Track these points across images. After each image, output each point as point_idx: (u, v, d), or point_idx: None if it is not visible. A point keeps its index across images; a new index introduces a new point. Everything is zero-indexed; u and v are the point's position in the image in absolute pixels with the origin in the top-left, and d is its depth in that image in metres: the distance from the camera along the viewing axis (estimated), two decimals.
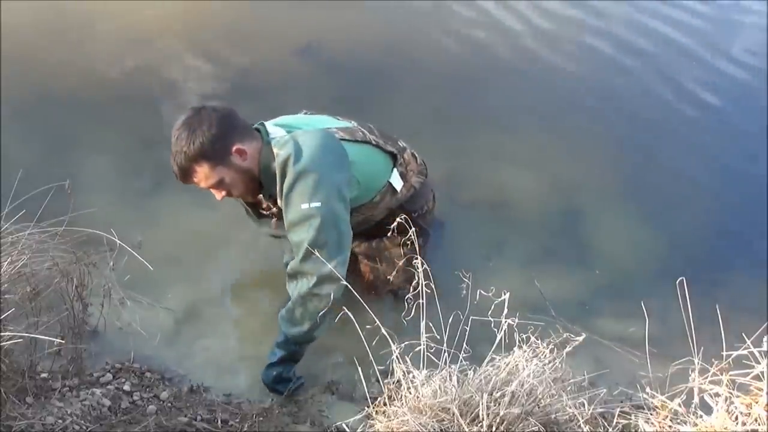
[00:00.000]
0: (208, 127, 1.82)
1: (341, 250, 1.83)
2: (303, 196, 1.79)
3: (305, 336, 1.89)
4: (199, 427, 1.82)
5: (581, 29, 3.99)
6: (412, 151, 2.19)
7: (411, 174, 2.14)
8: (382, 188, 2.04)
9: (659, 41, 3.95)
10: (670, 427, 1.52)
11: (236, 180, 1.89)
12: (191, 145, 1.81)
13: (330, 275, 1.79)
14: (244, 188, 1.93)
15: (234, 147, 1.85)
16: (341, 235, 1.82)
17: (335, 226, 1.81)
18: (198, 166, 1.85)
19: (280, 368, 1.95)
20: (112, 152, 2.82)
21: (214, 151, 1.82)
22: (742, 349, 1.44)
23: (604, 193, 2.90)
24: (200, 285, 2.34)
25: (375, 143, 2.02)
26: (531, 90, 3.46)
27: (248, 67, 3.34)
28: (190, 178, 1.89)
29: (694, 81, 3.67)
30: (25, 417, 1.65)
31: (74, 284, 1.86)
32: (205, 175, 1.87)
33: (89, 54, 3.32)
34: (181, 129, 1.84)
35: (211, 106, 1.88)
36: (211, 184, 1.89)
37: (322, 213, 1.79)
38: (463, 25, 3.87)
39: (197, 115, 1.85)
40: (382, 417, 1.57)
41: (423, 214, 2.21)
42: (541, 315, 1.77)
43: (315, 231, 1.79)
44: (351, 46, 3.58)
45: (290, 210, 1.82)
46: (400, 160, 2.09)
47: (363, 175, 1.95)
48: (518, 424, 1.48)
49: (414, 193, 2.15)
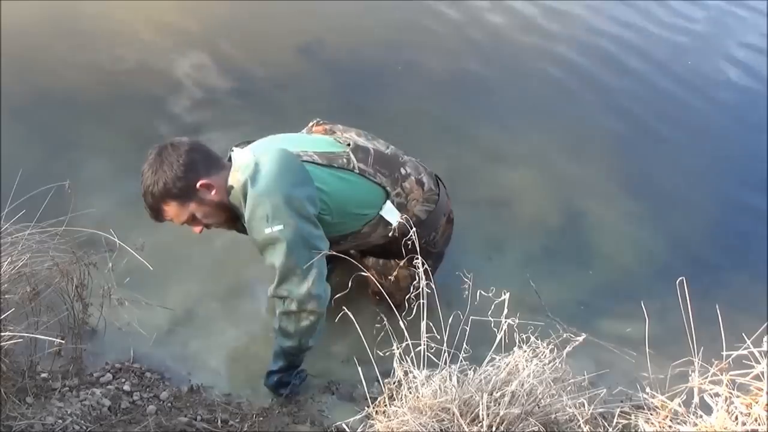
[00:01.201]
0: (169, 166, 1.81)
1: (314, 265, 1.80)
2: (263, 220, 1.77)
3: (299, 348, 1.90)
4: (199, 427, 1.82)
5: (583, 29, 3.99)
6: (420, 177, 2.07)
7: (414, 203, 2.04)
8: (370, 220, 1.98)
9: (659, 41, 3.95)
10: (670, 427, 1.52)
11: (208, 213, 1.89)
12: (156, 186, 1.82)
13: (307, 294, 1.80)
14: (219, 220, 1.93)
15: (199, 182, 1.83)
16: (312, 252, 1.80)
17: (303, 245, 1.79)
18: (166, 205, 1.85)
19: (282, 374, 1.97)
20: (112, 152, 2.82)
21: (179, 189, 1.82)
22: (742, 349, 1.44)
23: (604, 193, 2.91)
24: (200, 285, 2.34)
25: (359, 171, 1.94)
26: (531, 90, 3.46)
27: (248, 67, 3.34)
28: (161, 216, 1.89)
29: (695, 80, 3.67)
30: (25, 417, 1.65)
31: (74, 284, 1.87)
32: (175, 213, 1.87)
33: (89, 54, 3.32)
34: (146, 170, 1.84)
35: (175, 143, 1.86)
36: (183, 220, 1.90)
37: (286, 235, 1.77)
38: (463, 25, 3.87)
39: (160, 155, 1.84)
40: (382, 417, 1.57)
41: (431, 240, 2.12)
42: (541, 315, 1.76)
43: (283, 255, 1.78)
44: (351, 46, 3.58)
45: (255, 235, 1.81)
46: (395, 191, 1.99)
47: (333, 202, 1.88)
48: (518, 424, 1.48)
49: (418, 222, 2.00)
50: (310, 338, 1.88)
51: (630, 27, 4.05)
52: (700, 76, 3.72)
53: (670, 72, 3.72)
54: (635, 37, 3.96)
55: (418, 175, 2.07)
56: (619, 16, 4.15)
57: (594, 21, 4.08)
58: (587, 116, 3.32)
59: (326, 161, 1.91)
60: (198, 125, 3.03)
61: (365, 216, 1.97)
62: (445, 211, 2.17)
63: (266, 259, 1.82)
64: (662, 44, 3.93)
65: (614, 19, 4.10)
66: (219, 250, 2.47)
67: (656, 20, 4.14)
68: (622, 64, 3.73)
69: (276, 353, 1.95)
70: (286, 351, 1.92)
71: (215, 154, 1.92)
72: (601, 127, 3.26)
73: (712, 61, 3.85)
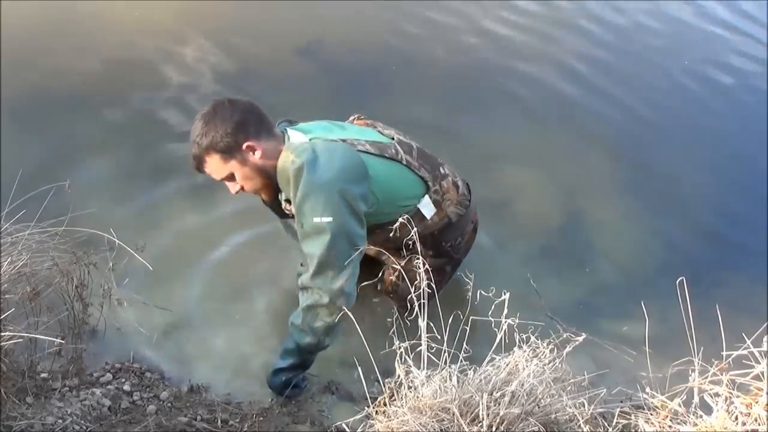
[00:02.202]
0: (221, 120, 1.83)
1: (352, 264, 1.82)
2: (315, 209, 1.78)
3: (316, 346, 1.90)
4: (199, 427, 1.82)
5: (580, 30, 3.99)
6: (456, 180, 2.11)
7: (448, 203, 2.07)
8: (408, 212, 1.98)
9: (659, 41, 3.95)
10: (670, 427, 1.52)
11: (247, 175, 1.89)
12: (203, 137, 1.83)
13: (340, 290, 1.80)
14: (257, 186, 1.93)
15: (246, 143, 1.84)
16: (352, 250, 1.81)
17: (346, 242, 1.80)
18: (209, 157, 1.86)
19: (290, 375, 1.96)
20: (111, 152, 2.82)
21: (225, 145, 1.83)
22: (742, 349, 1.44)
23: (604, 193, 2.91)
24: (200, 285, 2.34)
25: (406, 163, 1.98)
26: (531, 90, 3.46)
27: (248, 67, 3.34)
28: (202, 167, 1.90)
29: (696, 80, 3.67)
30: (25, 417, 1.65)
31: (74, 284, 1.87)
32: (216, 167, 1.88)
33: (89, 54, 3.32)
34: (199, 120, 1.86)
35: (232, 100, 1.88)
36: (221, 176, 1.90)
37: (333, 228, 1.78)
38: (463, 26, 3.87)
39: (215, 108, 1.86)
40: (382, 417, 1.57)
41: (456, 245, 2.16)
42: (542, 315, 1.76)
43: (325, 247, 1.78)
44: (351, 46, 3.58)
45: (302, 221, 1.81)
46: (434, 187, 2.03)
47: (382, 192, 1.91)
48: (518, 424, 1.48)
49: (448, 223, 2.08)
50: (330, 337, 1.88)
51: (629, 26, 4.05)
52: (701, 76, 3.72)
53: (670, 72, 3.72)
54: (636, 37, 3.96)
55: (454, 177, 2.12)
56: (614, 16, 4.15)
57: (592, 21, 4.07)
58: (587, 116, 3.32)
59: (377, 151, 1.93)
60: None
61: (405, 207, 1.99)
62: (472, 219, 2.20)
63: (306, 246, 1.83)
64: (663, 44, 3.93)
65: (611, 19, 4.11)
66: (220, 250, 2.47)
67: (655, 20, 4.14)
68: (622, 63, 3.73)
69: (289, 350, 1.93)
70: (302, 348, 1.90)
71: (269, 121, 1.92)
72: (601, 127, 3.26)
73: (713, 61, 3.85)
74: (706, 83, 3.68)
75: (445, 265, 2.19)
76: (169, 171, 2.77)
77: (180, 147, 2.91)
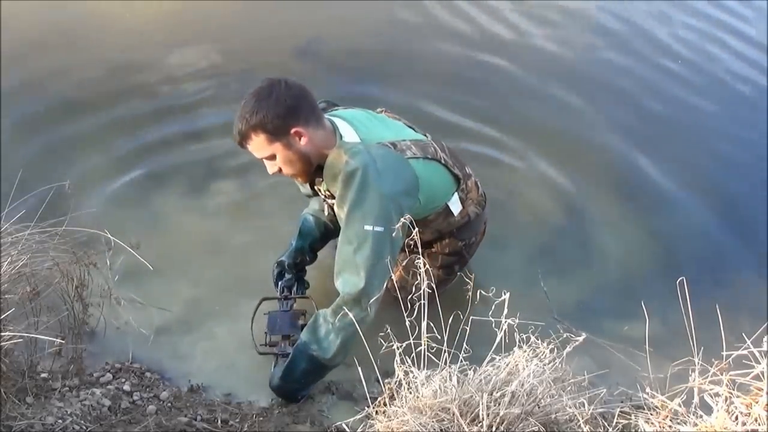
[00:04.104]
0: (275, 101, 1.80)
1: (385, 276, 1.82)
2: (366, 217, 1.77)
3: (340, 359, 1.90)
4: (199, 427, 1.82)
5: (582, 28, 3.99)
6: (476, 180, 2.16)
7: (470, 202, 2.10)
8: (438, 208, 2.02)
9: (659, 40, 3.95)
10: (670, 427, 1.52)
11: (289, 159, 1.87)
12: (253, 115, 1.80)
13: (368, 296, 1.80)
14: (297, 171, 1.91)
15: (294, 128, 1.82)
16: (391, 262, 1.81)
17: (389, 252, 1.81)
18: (255, 135, 1.83)
19: (305, 391, 1.99)
20: (111, 153, 2.82)
21: (274, 126, 1.81)
22: (742, 349, 1.44)
23: (604, 192, 2.90)
24: (200, 285, 2.34)
25: (443, 162, 1.98)
26: (530, 90, 3.45)
27: (248, 67, 3.34)
28: (245, 144, 1.87)
29: (696, 80, 3.67)
30: (25, 417, 1.65)
31: (74, 284, 1.87)
32: (259, 146, 1.85)
33: (89, 55, 3.33)
34: (251, 96, 1.83)
35: (289, 82, 1.85)
36: (263, 156, 1.88)
37: (380, 238, 1.78)
38: (463, 25, 3.87)
39: (271, 87, 1.83)
40: (382, 417, 1.57)
41: (469, 244, 2.17)
42: (542, 315, 1.76)
43: (370, 252, 1.78)
44: (351, 44, 3.58)
45: (351, 225, 1.80)
46: (462, 186, 2.05)
47: (425, 195, 1.91)
48: (518, 424, 1.48)
49: (467, 222, 2.11)
50: (347, 352, 1.88)
51: (629, 27, 4.05)
52: (702, 75, 3.71)
53: (670, 71, 3.71)
54: (635, 37, 3.95)
55: (475, 177, 2.16)
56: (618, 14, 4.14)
57: (591, 22, 4.07)
58: (587, 115, 3.32)
59: (421, 152, 1.92)
60: (198, 125, 3.03)
61: (439, 206, 2.01)
62: (485, 219, 2.23)
63: (346, 249, 1.82)
64: (663, 43, 3.93)
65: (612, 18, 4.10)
66: (218, 249, 2.47)
67: (654, 19, 4.14)
68: (622, 62, 3.73)
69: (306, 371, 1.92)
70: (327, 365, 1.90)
71: (320, 110, 1.91)
72: (601, 127, 3.26)
73: (713, 60, 3.85)
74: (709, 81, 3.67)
75: (454, 264, 2.19)
76: (169, 171, 2.77)
77: (180, 147, 2.92)
